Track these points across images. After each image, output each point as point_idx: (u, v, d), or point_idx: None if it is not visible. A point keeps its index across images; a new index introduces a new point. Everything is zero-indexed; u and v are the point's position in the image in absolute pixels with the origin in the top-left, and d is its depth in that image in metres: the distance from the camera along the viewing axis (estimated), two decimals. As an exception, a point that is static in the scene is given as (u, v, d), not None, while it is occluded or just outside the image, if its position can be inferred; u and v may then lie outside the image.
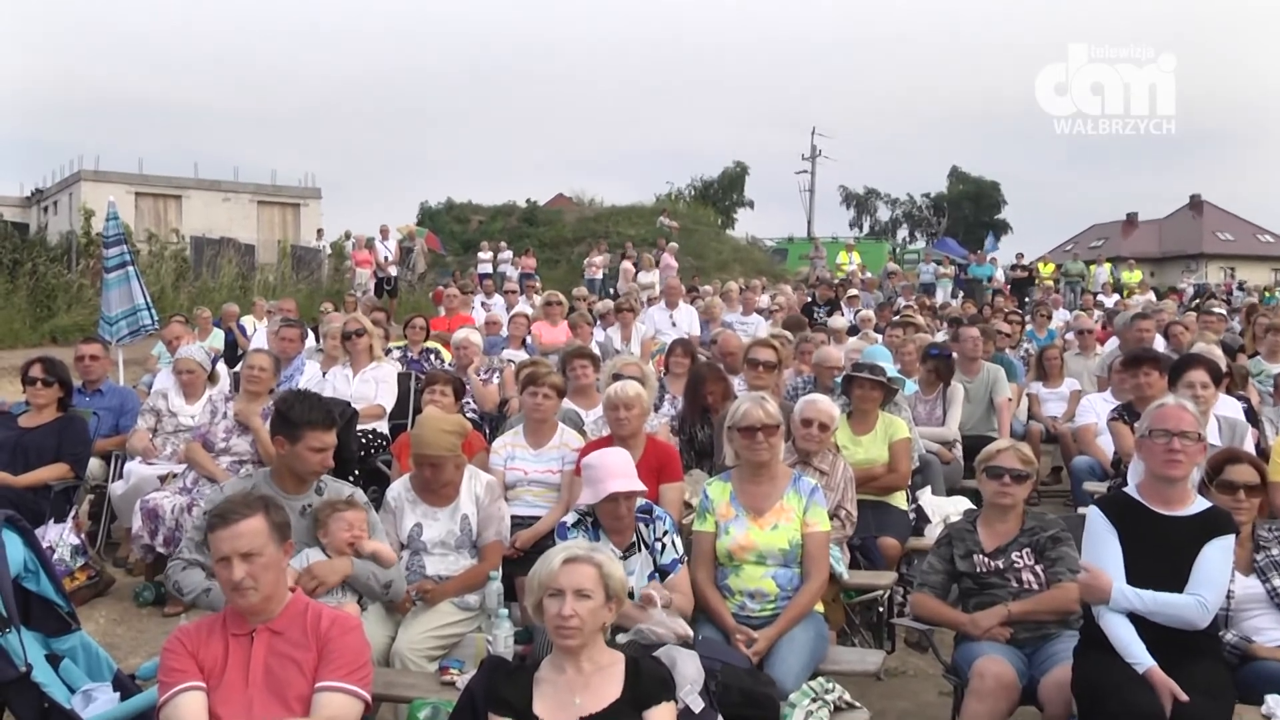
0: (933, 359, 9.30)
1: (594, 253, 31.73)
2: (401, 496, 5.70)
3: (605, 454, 5.22)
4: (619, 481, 4.99)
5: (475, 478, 5.77)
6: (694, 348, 10.27)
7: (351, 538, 5.00)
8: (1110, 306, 22.35)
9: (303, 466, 5.09)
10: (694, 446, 7.81)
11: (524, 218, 43.85)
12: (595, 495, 5.00)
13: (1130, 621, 4.21)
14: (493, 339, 13.11)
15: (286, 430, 5.05)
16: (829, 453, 6.40)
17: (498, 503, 5.82)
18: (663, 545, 5.10)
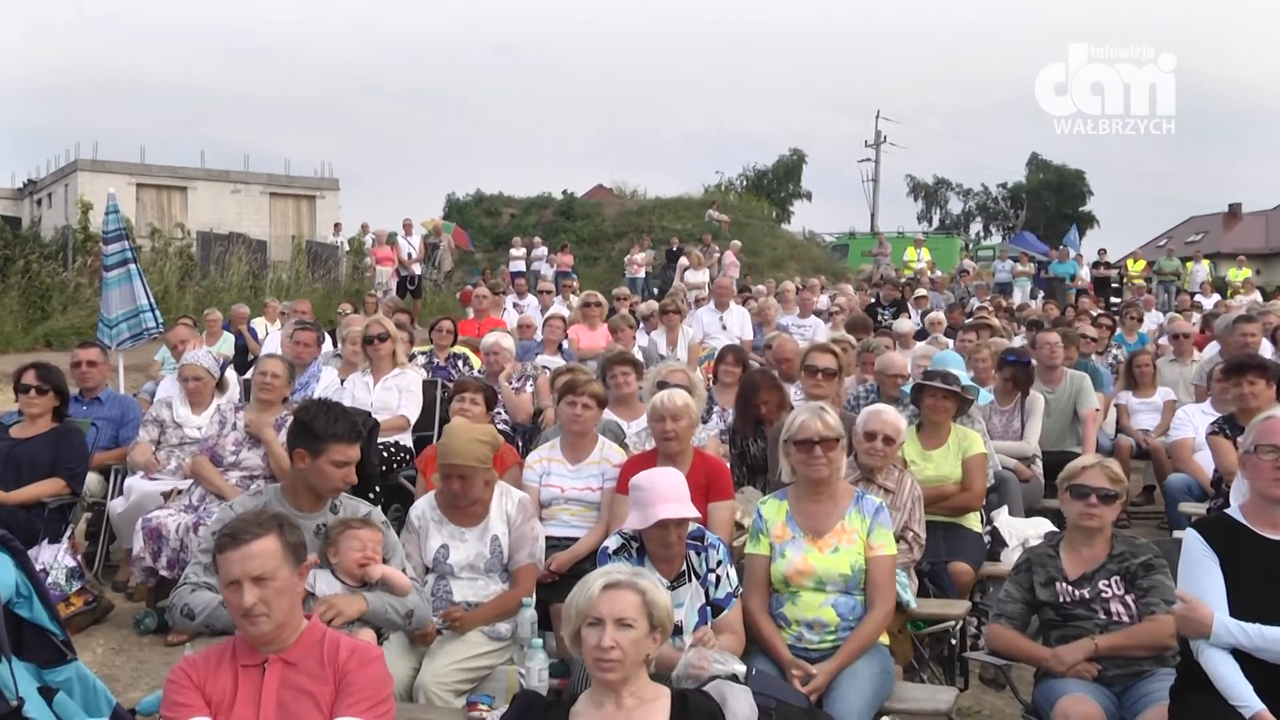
0: (1010, 366, 9.25)
1: (635, 249, 31.77)
2: (426, 515, 5.73)
3: (656, 475, 5.21)
4: (671, 507, 4.96)
5: (507, 495, 5.80)
6: (746, 354, 10.27)
7: (364, 559, 4.98)
8: (1209, 308, 22.06)
9: (323, 483, 5.10)
10: (746, 461, 7.80)
11: (560, 211, 44.02)
12: (644, 521, 4.98)
13: (1234, 659, 4.15)
14: (526, 343, 13.17)
15: (308, 443, 5.07)
16: (895, 469, 6.37)
17: (531, 522, 5.83)
18: (716, 578, 5.08)
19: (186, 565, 6.98)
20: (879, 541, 5.20)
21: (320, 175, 43.04)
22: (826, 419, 5.34)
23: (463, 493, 5.59)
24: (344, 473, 5.11)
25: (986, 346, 10.28)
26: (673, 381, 7.77)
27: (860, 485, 5.89)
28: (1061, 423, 9.65)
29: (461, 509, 5.66)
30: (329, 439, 5.04)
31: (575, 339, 13.55)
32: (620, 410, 8.36)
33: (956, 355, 9.49)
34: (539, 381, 10.27)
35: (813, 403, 5.70)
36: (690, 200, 45.19)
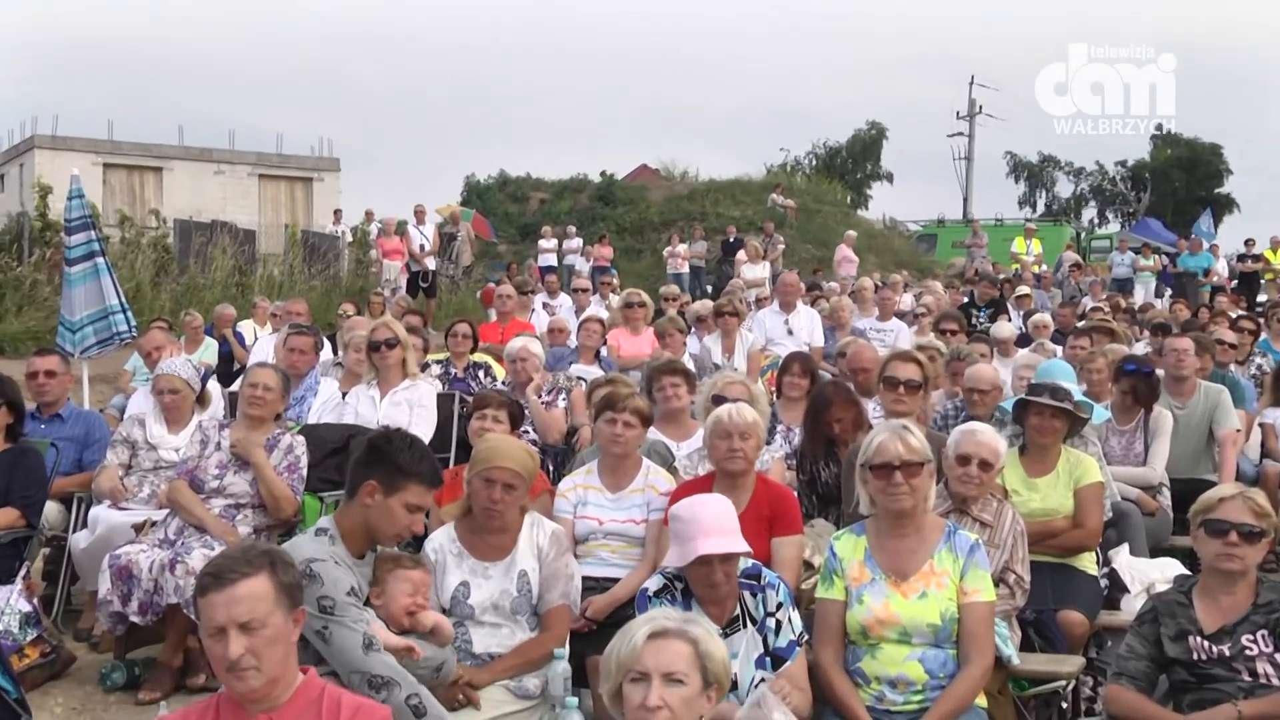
0: (1130, 377, 9.19)
1: (676, 239, 31.80)
2: (444, 549, 5.78)
3: (697, 503, 5.23)
4: (713, 541, 4.98)
5: (538, 525, 5.86)
6: (815, 363, 10.25)
7: (414, 605, 5.09)
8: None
9: (388, 525, 5.18)
10: (816, 490, 7.79)
11: (598, 195, 44.18)
12: (682, 557, 5.01)
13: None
14: (558, 350, 13.19)
15: (385, 475, 5.16)
16: (993, 499, 6.35)
17: (566, 558, 5.88)
18: (776, 623, 5.08)
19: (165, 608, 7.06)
20: (975, 585, 5.17)
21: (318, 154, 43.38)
22: (909, 439, 5.33)
23: (504, 504, 5.67)
24: (414, 519, 5.23)
25: (1103, 354, 10.22)
26: (730, 395, 7.76)
27: (952, 518, 5.87)
28: (1194, 445, 9.58)
29: (487, 540, 5.71)
30: (411, 477, 5.15)
31: (615, 345, 13.55)
32: (668, 429, 8.35)
33: (1066, 365, 9.39)
34: (573, 395, 10.29)
35: (894, 421, 5.68)
36: (750, 183, 45.26)
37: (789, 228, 37.34)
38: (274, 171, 42.02)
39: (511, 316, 15.34)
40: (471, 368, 11.80)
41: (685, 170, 49.44)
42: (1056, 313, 18.54)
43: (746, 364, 13.03)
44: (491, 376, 11.64)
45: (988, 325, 16.69)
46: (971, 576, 5.18)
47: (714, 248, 33.37)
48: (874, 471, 5.33)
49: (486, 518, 5.71)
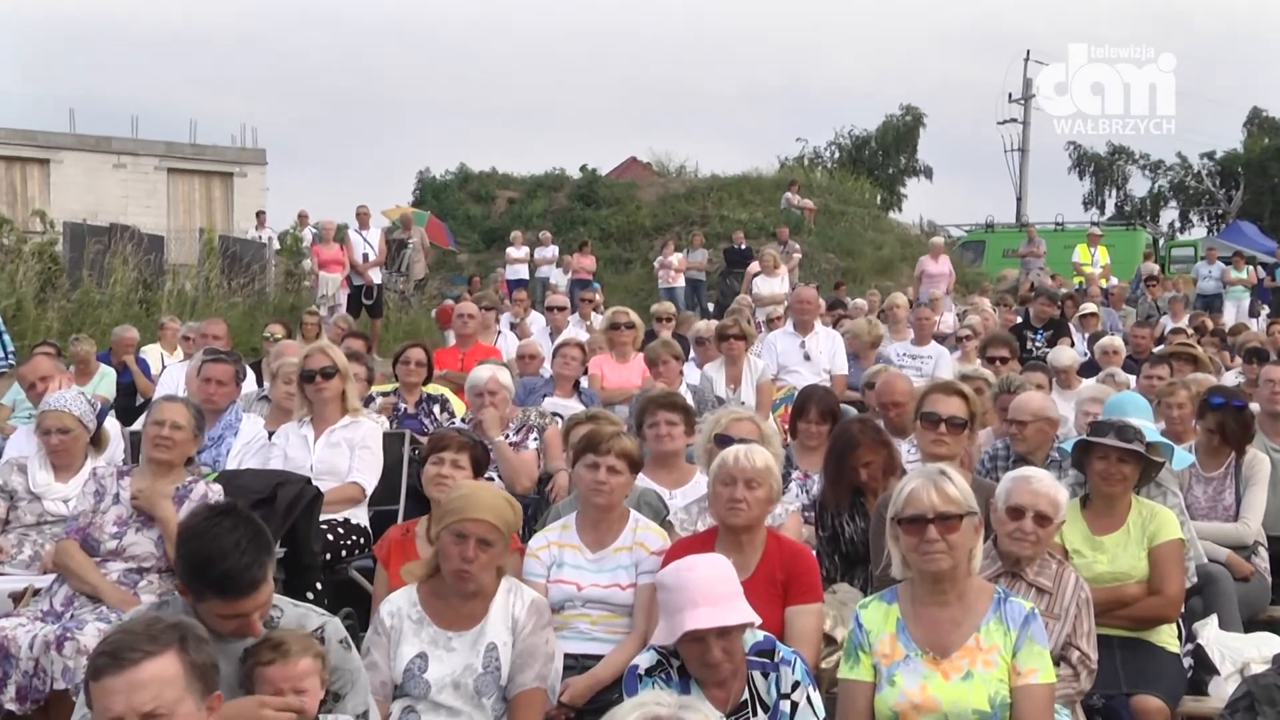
0: (1217, 412, 9.15)
1: (669, 248, 31.81)
2: (402, 613, 5.81)
3: (684, 568, 5.25)
4: (706, 613, 5.00)
5: (517, 593, 5.88)
6: (835, 400, 10.22)
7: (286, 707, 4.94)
8: None
9: (215, 626, 5.00)
10: (839, 549, 7.79)
11: (578, 194, 44.25)
12: (670, 634, 5.05)
13: None
14: (530, 381, 13.19)
15: (181, 577, 5.08)
16: (1052, 561, 6.35)
17: (545, 633, 5.89)
18: (793, 706, 5.09)
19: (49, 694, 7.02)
20: (1030, 664, 5.17)
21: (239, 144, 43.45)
22: (945, 488, 5.33)
23: (479, 563, 5.68)
24: (234, 625, 5.03)
25: (1185, 386, 10.21)
26: (736, 434, 7.76)
27: (1002, 583, 5.88)
28: (1297, 496, 9.57)
29: (455, 605, 5.73)
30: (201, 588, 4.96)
31: (598, 374, 13.56)
32: (661, 474, 8.36)
33: (1140, 398, 9.39)
34: (547, 435, 10.29)
35: (931, 466, 5.67)
36: (760, 179, 45.35)
37: (807, 233, 37.47)
38: (186, 165, 42.07)
39: (473, 340, 15.34)
40: (425, 401, 11.79)
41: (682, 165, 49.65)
42: (1129, 335, 18.49)
43: (756, 397, 13.04)
44: (449, 412, 11.62)
45: (1045, 350, 16.65)
46: (1026, 653, 5.18)
47: (716, 257, 33.43)
48: (904, 526, 5.34)
49: (457, 580, 5.72)
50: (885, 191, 62.87)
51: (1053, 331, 19.06)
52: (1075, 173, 77.37)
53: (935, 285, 26.31)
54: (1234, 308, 29.28)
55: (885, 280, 34.18)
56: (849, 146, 71.62)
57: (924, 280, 26.59)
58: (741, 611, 5.06)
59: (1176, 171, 76.08)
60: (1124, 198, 77.19)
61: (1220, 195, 71.11)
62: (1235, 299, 29.86)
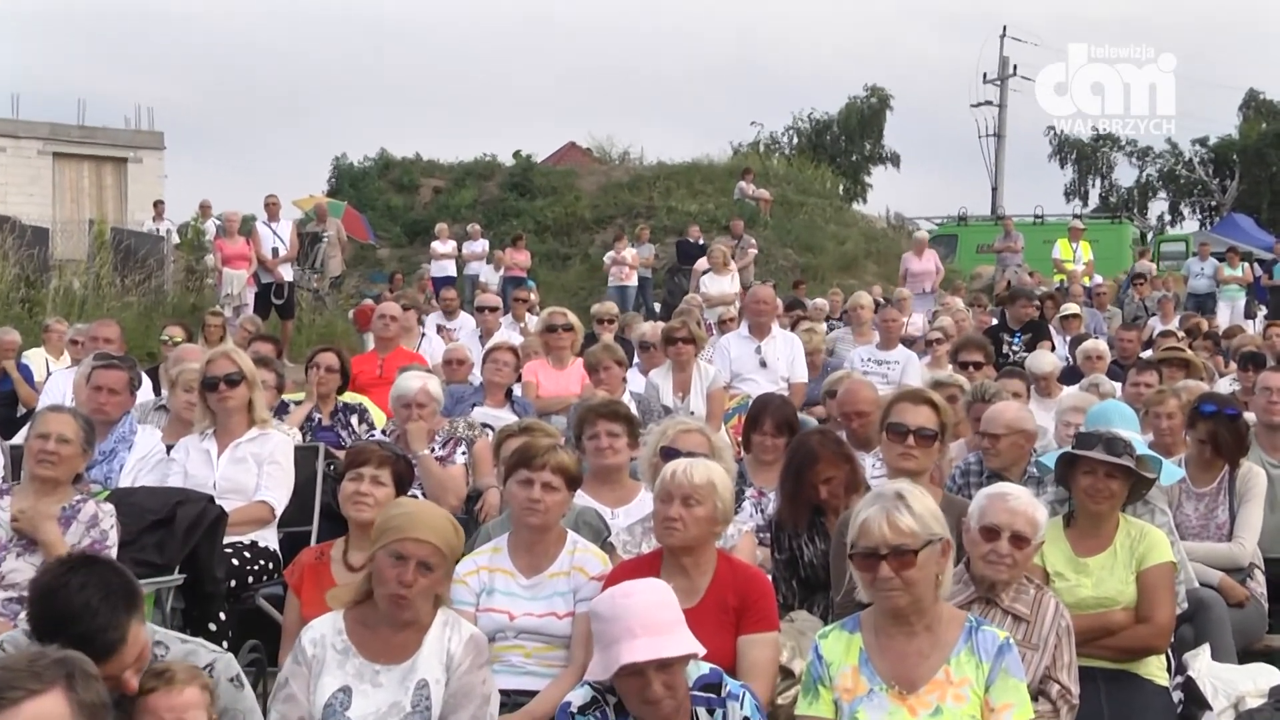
0: (1208, 420, 9.18)
1: (621, 242, 31.80)
2: (326, 642, 5.78)
3: (621, 595, 5.27)
4: (644, 644, 5.01)
5: (454, 627, 5.87)
6: (793, 410, 10.22)
7: None
8: None
9: None
10: (797, 573, 7.80)
11: (511, 183, 44.24)
12: (605, 668, 5.05)
13: None
14: (458, 389, 13.13)
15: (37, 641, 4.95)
16: (1030, 585, 6.38)
17: (482, 672, 5.88)
18: (743, 746, 5.09)
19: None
20: (1005, 699, 5.20)
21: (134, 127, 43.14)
22: (898, 519, 5.31)
23: (419, 589, 5.66)
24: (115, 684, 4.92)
25: (1175, 394, 10.26)
26: (684, 448, 7.77)
27: (975, 610, 5.89)
28: (1295, 514, 9.63)
29: (385, 635, 5.72)
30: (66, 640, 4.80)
31: (533, 382, 13.54)
32: (602, 492, 8.38)
33: (1126, 408, 9.44)
34: (476, 448, 10.27)
35: (888, 488, 5.64)
36: (711, 167, 45.45)
37: (762, 226, 37.49)
38: (74, 149, 41.74)
39: (394, 344, 15.26)
40: (341, 412, 11.76)
41: (625, 151, 49.80)
42: (1115, 339, 18.55)
43: (706, 406, 13.06)
44: (368, 423, 11.59)
45: (1023, 355, 16.70)
46: (1001, 687, 5.20)
47: (665, 252, 33.44)
48: (857, 561, 5.35)
49: (393, 606, 5.68)
50: (848, 181, 63.25)
51: (1031, 334, 19.09)
52: (1056, 160, 77.79)
53: (920, 284, 26.41)
54: (1228, 308, 29.41)
55: (848, 278, 34.33)
56: (808, 131, 71.86)
57: (908, 279, 26.63)
58: (684, 641, 5.07)
59: (1166, 159, 76.37)
60: (1109, 188, 77.70)
61: (1214, 185, 71.57)
62: (1230, 299, 29.98)
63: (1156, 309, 25.43)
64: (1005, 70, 60.70)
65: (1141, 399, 10.69)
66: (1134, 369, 13.02)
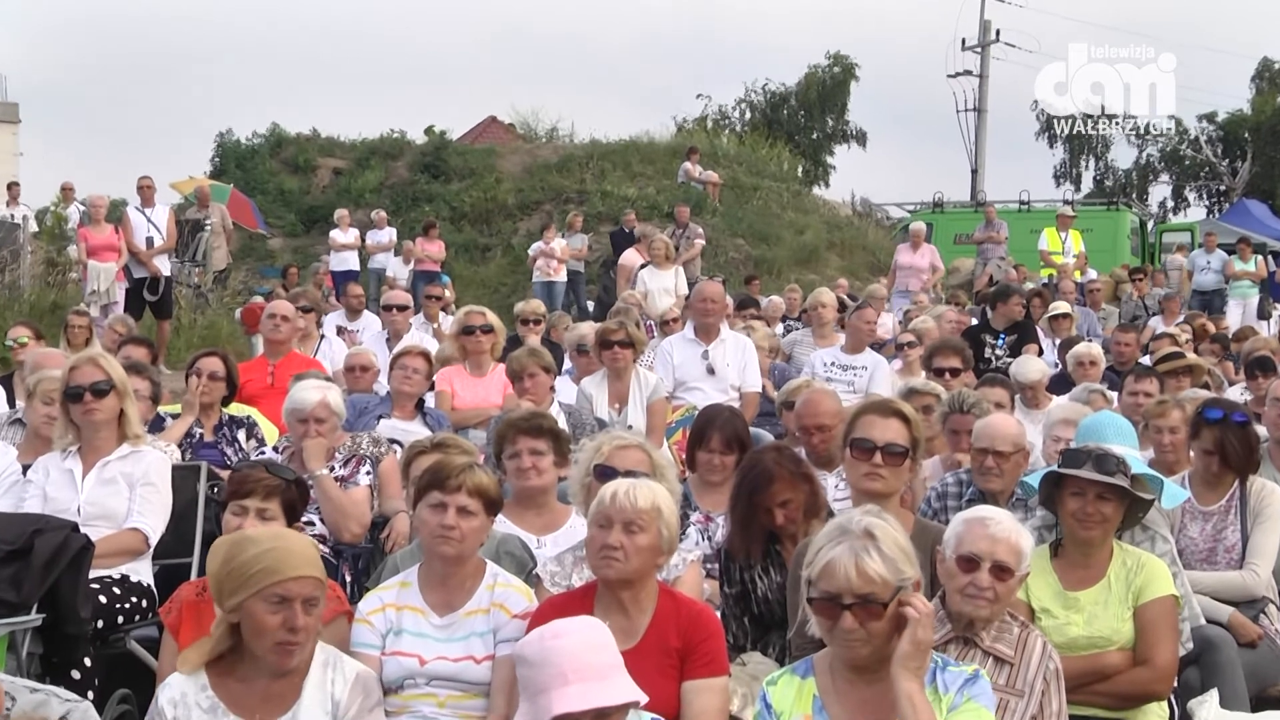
0: (1214, 427, 9.17)
1: (550, 232, 31.77)
2: (189, 701, 5.75)
3: (550, 636, 5.27)
4: (579, 690, 5.03)
5: (336, 667, 5.87)
6: (744, 425, 10.21)
7: None
8: None
9: None
10: (750, 609, 7.82)
11: (422, 164, 44.16)
12: (535, 718, 5.06)
13: None
14: (361, 398, 13.10)
15: None
16: (1014, 623, 6.40)
17: (373, 715, 5.89)
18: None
19: None
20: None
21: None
22: (867, 564, 5.29)
23: (308, 630, 5.65)
24: None
25: (1178, 405, 10.32)
26: (621, 466, 7.76)
27: (952, 650, 5.90)
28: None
29: (258, 686, 5.70)
30: None
31: (448, 391, 13.53)
32: (526, 517, 8.40)
33: (1123, 420, 9.42)
34: (382, 467, 10.23)
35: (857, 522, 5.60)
36: (652, 146, 45.53)
37: (710, 214, 37.54)
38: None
39: (288, 348, 15.19)
40: (227, 426, 11.72)
41: (554, 127, 49.90)
42: (1111, 342, 18.65)
43: (646, 419, 13.07)
44: (257, 439, 11.55)
45: (1007, 360, 16.79)
46: (963, 710, 5.23)
47: (599, 243, 33.44)
48: (815, 606, 5.34)
49: (282, 656, 5.65)
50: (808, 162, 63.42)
51: (1016, 336, 19.18)
52: (1044, 139, 77.96)
53: (906, 281, 26.50)
54: (1239, 308, 29.66)
55: (808, 273, 34.47)
56: (763, 105, 71.98)
57: (899, 274, 26.69)
58: (623, 689, 5.07)
59: (1169, 138, 76.64)
60: (1105, 170, 78.08)
61: (1223, 167, 71.93)
62: (1240, 297, 30.20)
63: (1158, 308, 25.56)
64: (986, 36, 60.78)
65: (1140, 410, 10.74)
66: (1132, 376, 13.06)
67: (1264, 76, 73.73)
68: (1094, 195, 68.91)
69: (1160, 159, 77.43)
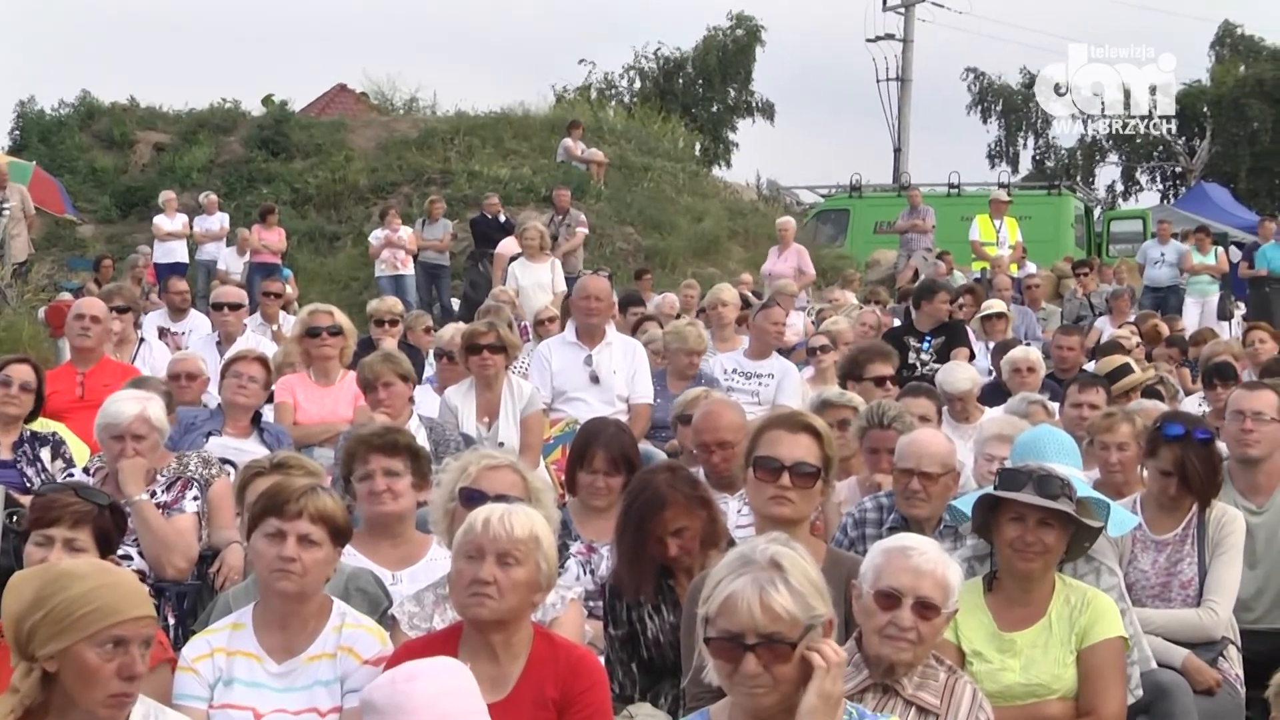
0: (1174, 445, 9.21)
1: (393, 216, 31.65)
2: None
3: (403, 678, 5.31)
4: None
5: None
6: (633, 438, 10.22)
7: None
8: None
9: None
10: (639, 653, 7.85)
11: (260, 139, 43.90)
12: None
13: None
14: (188, 412, 13.03)
15: None
16: (940, 668, 6.44)
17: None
18: None
19: None
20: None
21: None
22: (773, 599, 5.22)
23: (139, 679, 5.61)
24: None
25: (1127, 419, 10.38)
26: (492, 489, 7.75)
27: (869, 700, 5.94)
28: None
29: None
30: None
31: (289, 402, 13.50)
32: (380, 548, 8.42)
33: (1064, 435, 9.47)
34: (213, 491, 10.19)
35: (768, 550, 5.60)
36: (528, 120, 45.51)
37: (594, 198, 37.56)
38: None
39: (100, 354, 15.07)
40: (28, 443, 11.63)
41: (413, 97, 49.79)
42: (1052, 345, 18.72)
43: (520, 435, 13.06)
44: (64, 459, 11.47)
45: (935, 366, 16.86)
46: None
47: (465, 232, 33.39)
48: (714, 647, 5.31)
49: (115, 710, 5.61)
50: (707, 138, 63.53)
51: (944, 339, 19.26)
52: (977, 113, 78.31)
53: None
54: (1197, 307, 29.80)
55: (707, 266, 34.50)
56: (655, 73, 72.05)
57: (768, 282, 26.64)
58: None
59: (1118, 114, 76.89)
60: (1046, 149, 78.43)
61: (1179, 145, 72.37)
62: (1199, 294, 30.30)
63: (1105, 307, 25.70)
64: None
65: (1085, 424, 10.81)
66: (1075, 385, 13.07)
67: (1225, 43, 74.27)
68: (1033, 177, 69.31)
69: (1108, 136, 77.74)
